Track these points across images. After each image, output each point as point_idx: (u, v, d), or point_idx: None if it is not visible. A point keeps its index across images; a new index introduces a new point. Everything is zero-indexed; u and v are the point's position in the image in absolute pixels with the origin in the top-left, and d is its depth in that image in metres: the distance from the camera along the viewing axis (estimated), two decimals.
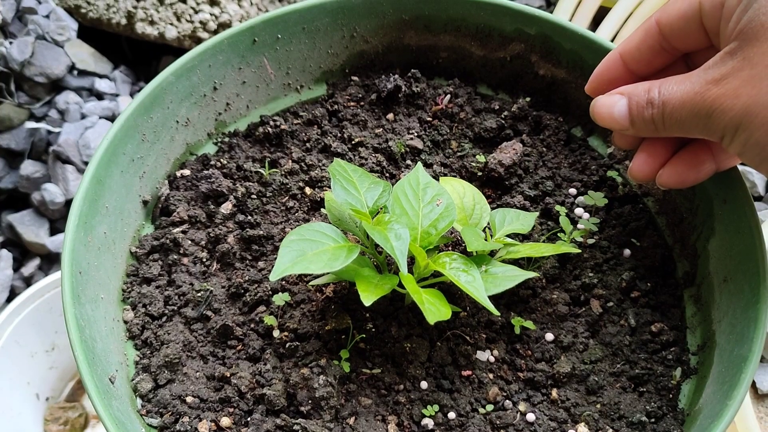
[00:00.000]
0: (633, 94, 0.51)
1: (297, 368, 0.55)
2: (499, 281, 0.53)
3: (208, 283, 0.61)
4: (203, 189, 0.65)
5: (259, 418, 0.53)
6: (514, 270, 0.54)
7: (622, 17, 1.06)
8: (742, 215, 0.55)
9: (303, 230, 0.52)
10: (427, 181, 0.57)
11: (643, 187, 0.67)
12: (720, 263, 0.57)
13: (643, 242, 0.64)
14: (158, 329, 0.59)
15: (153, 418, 0.54)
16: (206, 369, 0.57)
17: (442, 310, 0.49)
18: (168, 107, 0.65)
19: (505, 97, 0.74)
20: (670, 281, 0.62)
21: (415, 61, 0.75)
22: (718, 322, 0.56)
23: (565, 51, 0.68)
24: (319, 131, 0.71)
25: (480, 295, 0.49)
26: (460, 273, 0.50)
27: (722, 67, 0.45)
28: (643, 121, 0.50)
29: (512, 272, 0.53)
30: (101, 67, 1.13)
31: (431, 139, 0.70)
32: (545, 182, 0.67)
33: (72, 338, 0.50)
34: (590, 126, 0.71)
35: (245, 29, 0.67)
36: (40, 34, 1.09)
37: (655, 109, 0.49)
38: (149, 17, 1.07)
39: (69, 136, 1.03)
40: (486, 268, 0.54)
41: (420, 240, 0.53)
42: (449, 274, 0.50)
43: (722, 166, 0.54)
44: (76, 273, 0.54)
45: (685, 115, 0.47)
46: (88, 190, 0.57)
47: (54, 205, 0.99)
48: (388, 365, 0.56)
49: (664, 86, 0.48)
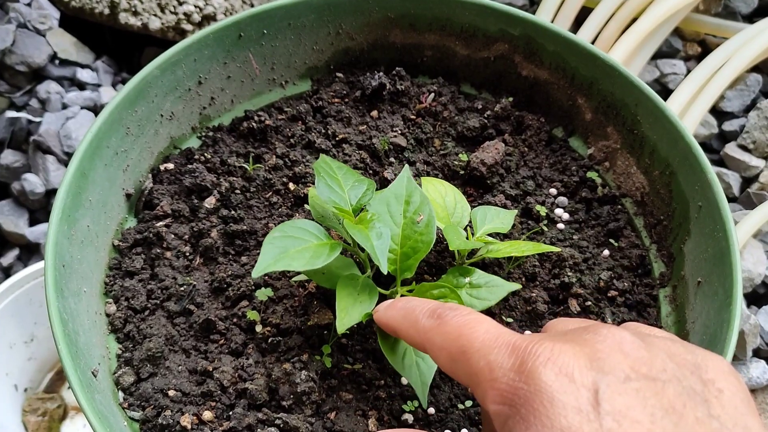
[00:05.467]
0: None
1: (279, 363, 0.56)
2: (484, 296, 0.54)
3: (191, 278, 0.61)
4: (187, 183, 0.65)
5: (241, 412, 0.53)
6: (497, 281, 0.55)
7: (603, 18, 1.07)
8: (717, 218, 0.57)
9: (286, 227, 0.52)
10: (412, 189, 0.56)
11: (621, 188, 0.68)
12: (695, 265, 0.59)
13: (621, 243, 0.65)
14: (141, 323, 0.59)
15: (135, 412, 0.54)
16: (188, 363, 0.57)
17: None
18: (153, 101, 0.65)
19: (488, 96, 0.75)
20: (646, 281, 0.63)
21: (399, 59, 0.76)
22: (692, 323, 0.57)
23: (548, 53, 0.69)
24: (303, 127, 0.71)
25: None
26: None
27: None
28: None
29: (496, 283, 0.55)
30: (83, 57, 1.12)
31: (415, 137, 0.71)
32: (526, 182, 0.68)
33: (55, 332, 0.50)
34: (571, 127, 0.72)
35: (231, 24, 0.67)
36: (21, 23, 1.08)
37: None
38: (133, 8, 1.06)
39: (50, 126, 1.02)
40: (470, 280, 0.55)
41: (399, 262, 0.54)
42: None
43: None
44: (59, 266, 0.54)
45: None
46: (71, 183, 0.57)
47: (34, 195, 0.99)
48: (369, 361, 0.57)
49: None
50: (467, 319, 0.39)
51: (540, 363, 0.34)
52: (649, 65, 1.13)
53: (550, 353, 0.34)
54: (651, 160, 0.65)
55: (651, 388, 0.33)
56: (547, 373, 0.33)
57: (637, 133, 0.66)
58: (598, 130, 0.69)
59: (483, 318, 0.39)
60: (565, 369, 0.34)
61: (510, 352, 0.36)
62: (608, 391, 0.33)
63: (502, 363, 0.36)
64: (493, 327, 0.38)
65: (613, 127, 0.68)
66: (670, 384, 0.34)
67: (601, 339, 0.36)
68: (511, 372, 0.35)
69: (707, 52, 1.11)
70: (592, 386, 0.33)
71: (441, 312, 0.41)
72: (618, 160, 0.68)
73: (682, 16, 1.10)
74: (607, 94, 0.67)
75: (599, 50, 0.67)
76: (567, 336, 0.37)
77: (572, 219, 0.67)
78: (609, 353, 0.35)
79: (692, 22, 1.13)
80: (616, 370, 0.34)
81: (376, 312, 0.48)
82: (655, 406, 0.32)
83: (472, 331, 0.38)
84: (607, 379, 0.33)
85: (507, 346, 0.36)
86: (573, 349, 0.35)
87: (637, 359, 0.35)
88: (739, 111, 1.09)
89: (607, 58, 0.66)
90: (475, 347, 0.37)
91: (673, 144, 0.62)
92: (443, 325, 0.40)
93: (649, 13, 1.05)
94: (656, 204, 0.65)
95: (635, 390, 0.33)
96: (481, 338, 0.38)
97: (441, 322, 0.41)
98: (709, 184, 0.58)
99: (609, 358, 0.34)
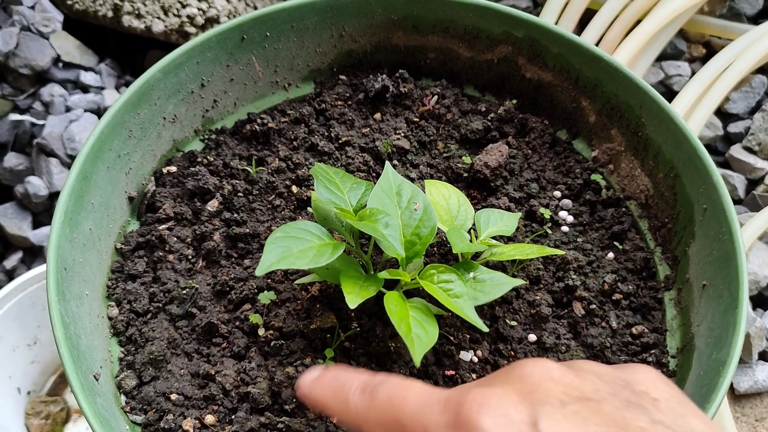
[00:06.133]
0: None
1: (282, 367, 0.55)
2: (488, 290, 0.53)
3: (194, 281, 0.61)
4: (189, 186, 0.65)
5: (243, 416, 0.53)
6: (502, 277, 0.54)
7: (608, 20, 1.07)
8: (722, 221, 0.56)
9: (289, 228, 0.52)
10: (399, 182, 0.56)
11: (626, 190, 0.68)
12: (700, 268, 0.58)
13: (625, 245, 0.65)
14: (143, 326, 0.59)
15: (137, 416, 0.54)
16: (191, 366, 0.57)
17: (430, 333, 0.49)
18: (155, 104, 0.65)
19: (492, 99, 0.75)
20: (651, 284, 0.63)
21: (402, 61, 0.75)
22: (697, 326, 0.57)
23: (551, 54, 0.69)
24: (306, 130, 0.71)
25: (470, 314, 0.49)
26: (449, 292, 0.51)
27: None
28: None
29: (500, 279, 0.54)
30: (87, 59, 1.12)
31: (418, 140, 0.70)
32: (530, 184, 0.68)
33: (57, 335, 0.50)
34: (575, 129, 0.71)
35: (234, 26, 0.67)
36: (24, 25, 1.08)
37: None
38: (136, 10, 1.06)
39: (53, 128, 1.02)
40: (474, 275, 0.55)
41: (404, 250, 0.53)
42: (438, 294, 0.51)
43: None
44: (61, 269, 0.54)
45: None
46: (74, 186, 0.57)
47: (37, 198, 0.99)
48: (373, 365, 0.56)
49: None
50: (397, 388, 0.38)
51: (474, 410, 0.33)
52: (653, 67, 1.13)
53: (482, 398, 0.34)
54: (655, 162, 0.65)
55: (588, 408, 0.33)
56: (484, 419, 0.33)
57: (642, 136, 0.65)
58: (602, 133, 0.69)
59: (412, 382, 0.38)
60: (499, 410, 0.33)
61: (443, 409, 0.35)
62: (547, 419, 0.32)
63: (438, 421, 0.35)
64: (423, 389, 0.37)
65: (617, 130, 0.68)
66: (606, 402, 0.34)
67: (528, 372, 0.36)
68: (448, 428, 0.34)
69: (712, 53, 1.11)
70: (529, 419, 0.33)
71: (372, 386, 0.40)
72: (622, 162, 0.68)
73: (686, 18, 1.10)
74: (612, 96, 0.67)
75: (603, 52, 0.66)
76: (494, 379, 0.37)
77: (576, 222, 0.67)
78: (539, 384, 0.35)
79: (697, 23, 1.13)
80: (550, 399, 0.34)
81: (300, 386, 0.45)
82: (597, 424, 0.32)
83: (403, 399, 0.37)
84: (543, 409, 0.33)
85: (439, 403, 0.36)
86: (503, 389, 0.35)
87: (567, 385, 0.35)
88: (744, 113, 1.09)
89: (611, 60, 0.66)
90: (408, 414, 0.37)
91: (678, 146, 0.62)
92: (375, 399, 0.39)
93: (654, 15, 1.04)
94: (661, 206, 0.64)
95: (573, 413, 0.33)
96: (412, 402, 0.37)
97: (372, 396, 0.39)
98: (714, 186, 0.58)
99: (540, 389, 0.34)
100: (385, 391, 0.39)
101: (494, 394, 0.34)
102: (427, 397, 0.37)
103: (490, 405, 0.34)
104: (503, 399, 0.34)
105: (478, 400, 0.34)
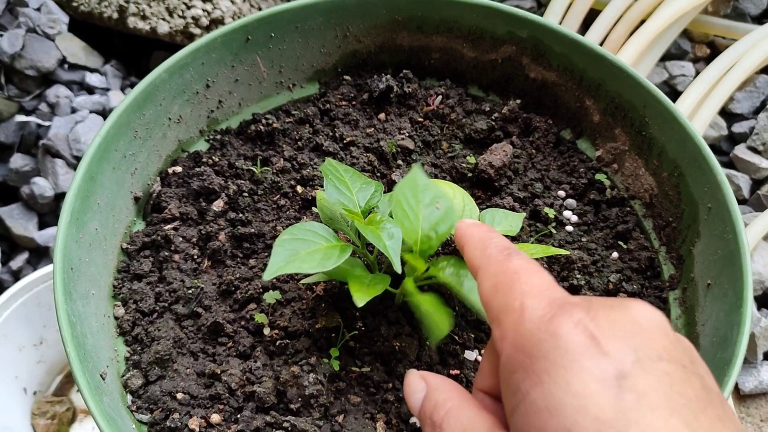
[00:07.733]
0: (428, 401, 0.42)
1: (287, 366, 0.56)
2: None
3: (199, 280, 0.61)
4: (195, 186, 0.65)
5: (249, 415, 0.53)
6: None
7: (612, 20, 1.07)
8: (727, 220, 0.56)
9: (295, 229, 0.52)
10: (425, 182, 0.56)
11: (630, 190, 0.68)
12: (705, 267, 0.58)
13: (629, 245, 0.65)
14: (149, 325, 0.59)
15: (143, 414, 0.54)
16: (196, 366, 0.57)
17: (444, 323, 0.49)
18: (160, 104, 0.65)
19: (496, 98, 0.75)
20: (655, 283, 0.63)
21: (407, 61, 0.76)
22: (702, 325, 0.57)
23: (555, 54, 0.69)
24: (311, 130, 0.71)
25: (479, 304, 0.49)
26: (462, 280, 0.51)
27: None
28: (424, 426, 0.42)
29: None
30: (92, 61, 1.12)
31: (422, 140, 0.71)
32: (534, 184, 0.68)
33: (64, 335, 0.50)
34: (579, 129, 0.71)
35: (239, 27, 0.67)
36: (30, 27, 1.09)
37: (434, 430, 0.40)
38: (141, 12, 1.07)
39: (59, 130, 1.02)
40: None
41: (420, 243, 0.53)
42: (450, 282, 0.51)
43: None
44: (67, 269, 0.54)
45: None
46: (80, 186, 0.57)
47: (43, 198, 0.99)
48: (378, 364, 0.56)
49: (449, 419, 0.39)
50: (531, 265, 0.39)
51: (570, 320, 0.32)
52: (657, 67, 1.13)
53: (585, 314, 0.32)
54: (660, 161, 0.65)
55: (679, 375, 0.31)
56: (576, 333, 0.32)
57: (646, 135, 0.65)
58: (607, 132, 0.69)
59: (543, 270, 0.39)
60: (595, 333, 0.32)
61: (548, 303, 0.34)
62: (637, 367, 0.31)
63: (536, 310, 0.34)
64: (548, 279, 0.37)
65: (621, 129, 0.68)
66: (695, 377, 0.32)
67: (642, 313, 0.34)
68: (539, 321, 0.33)
69: (716, 53, 1.11)
70: (620, 357, 0.31)
71: (510, 251, 0.41)
72: (626, 161, 0.68)
73: (690, 18, 1.10)
74: (615, 96, 0.67)
75: (607, 52, 0.66)
76: (608, 302, 0.35)
77: (581, 221, 0.67)
78: (647, 328, 0.33)
79: (701, 23, 1.13)
80: (649, 348, 0.32)
81: (461, 222, 0.47)
82: (679, 394, 0.31)
83: (529, 274, 0.37)
84: (638, 354, 0.31)
85: (549, 297, 0.35)
86: (610, 315, 0.33)
87: (673, 341, 0.33)
88: (749, 113, 1.09)
89: (615, 60, 0.66)
90: (522, 287, 0.36)
91: (682, 146, 0.62)
92: (507, 260, 0.39)
93: (658, 15, 1.04)
94: (665, 206, 0.64)
95: (664, 372, 0.31)
96: (531, 282, 0.36)
97: (507, 257, 0.40)
98: (719, 185, 0.58)
99: (645, 333, 0.32)
100: (520, 261, 0.39)
101: (599, 317, 0.32)
102: (547, 287, 0.36)
103: (588, 324, 0.32)
104: (605, 325, 0.32)
105: (580, 314, 0.33)
